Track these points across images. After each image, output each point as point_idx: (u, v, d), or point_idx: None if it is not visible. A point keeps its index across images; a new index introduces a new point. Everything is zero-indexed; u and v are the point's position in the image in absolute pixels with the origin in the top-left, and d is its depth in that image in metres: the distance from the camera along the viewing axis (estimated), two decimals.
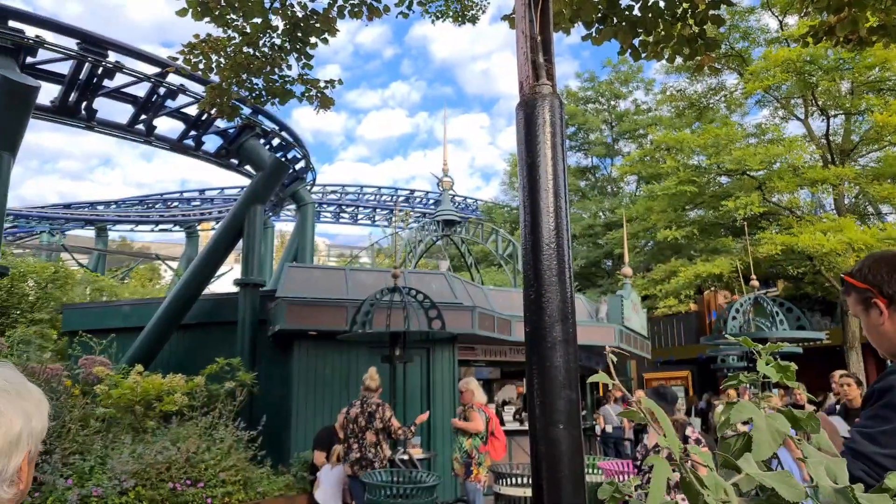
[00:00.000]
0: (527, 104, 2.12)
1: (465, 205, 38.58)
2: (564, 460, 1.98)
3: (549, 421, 2.05)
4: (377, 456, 6.60)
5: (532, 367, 2.13)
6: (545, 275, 2.10)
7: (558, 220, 2.09)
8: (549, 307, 2.10)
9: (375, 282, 9.91)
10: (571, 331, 2.13)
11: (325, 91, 6.22)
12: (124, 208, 31.42)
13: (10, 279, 13.31)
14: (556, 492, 1.96)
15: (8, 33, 8.41)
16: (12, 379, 1.04)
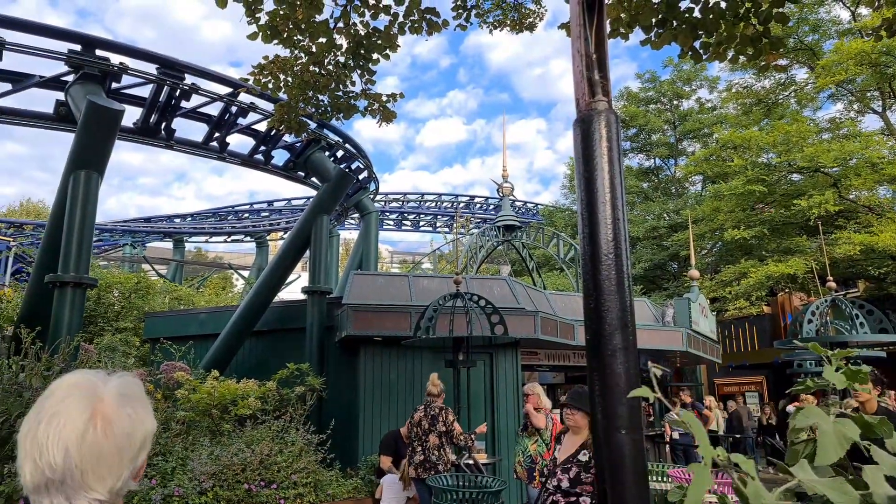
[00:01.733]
0: (583, 120, 2.19)
1: (525, 209, 38.43)
2: (627, 464, 2.03)
3: (612, 426, 2.10)
4: (440, 459, 6.69)
5: (593, 373, 2.19)
6: (604, 284, 2.17)
7: (616, 231, 2.15)
8: (609, 316, 2.16)
9: (438, 287, 10.06)
10: (631, 338, 2.18)
11: (386, 105, 6.42)
12: (199, 221, 32.92)
13: (97, 290, 14.20)
14: (620, 496, 2.01)
15: (95, 62, 9.05)
16: (136, 386, 1.22)
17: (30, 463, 1.08)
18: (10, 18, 8.94)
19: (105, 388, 1.17)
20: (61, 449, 1.08)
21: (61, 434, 1.08)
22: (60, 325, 7.87)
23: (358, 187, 14.77)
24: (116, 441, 1.12)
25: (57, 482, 1.08)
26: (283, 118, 6.63)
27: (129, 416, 1.15)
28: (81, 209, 8.35)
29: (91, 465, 1.09)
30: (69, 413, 1.10)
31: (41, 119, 9.96)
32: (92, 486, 1.09)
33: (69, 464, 1.08)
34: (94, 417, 1.11)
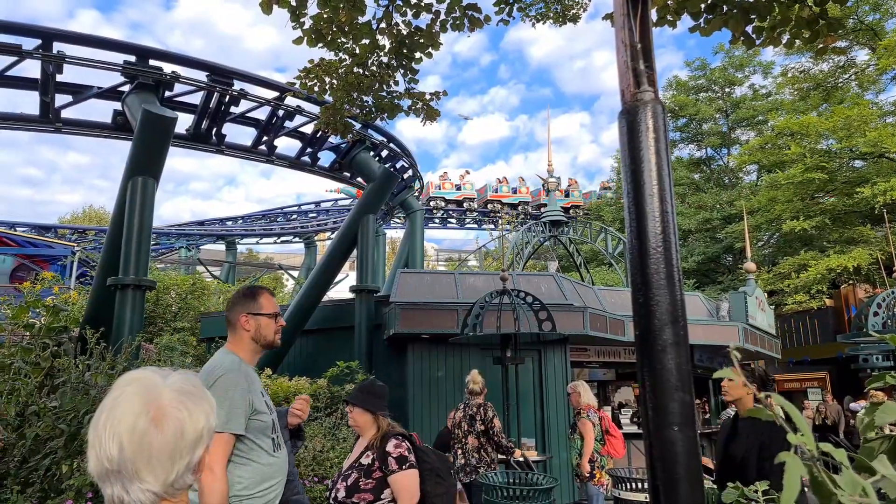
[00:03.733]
0: (629, 112, 2.15)
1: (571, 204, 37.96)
2: (680, 461, 1.99)
3: (663, 423, 2.06)
4: (482, 461, 6.47)
5: (643, 369, 2.15)
6: (653, 278, 2.12)
7: (665, 224, 2.10)
8: (659, 310, 2.11)
9: (484, 285, 10.05)
10: (682, 333, 2.13)
11: (430, 103, 6.43)
12: (249, 223, 33.77)
13: (155, 292, 14.72)
14: (673, 493, 1.97)
15: (149, 71, 9.38)
16: (195, 383, 1.27)
17: (93, 454, 1.15)
18: (71, 33, 9.34)
19: (163, 385, 1.21)
20: (116, 441, 1.13)
21: (116, 427, 1.14)
22: (122, 326, 8.19)
23: (403, 186, 14.87)
24: (167, 435, 1.16)
25: (114, 472, 1.14)
26: (329, 120, 6.73)
27: (183, 411, 1.19)
28: (139, 214, 8.67)
29: (143, 458, 1.14)
30: (124, 407, 1.16)
31: (100, 129, 10.39)
32: (144, 478, 1.14)
33: (123, 456, 1.13)
34: (147, 411, 1.16)
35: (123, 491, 1.15)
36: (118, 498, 1.15)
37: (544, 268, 25.01)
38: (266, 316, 2.78)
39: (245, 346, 2.74)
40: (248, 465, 2.55)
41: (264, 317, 2.77)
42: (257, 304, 2.78)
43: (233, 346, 2.75)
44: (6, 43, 8.78)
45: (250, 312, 2.75)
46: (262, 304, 2.79)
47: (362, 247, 11.47)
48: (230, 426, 2.47)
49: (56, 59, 8.93)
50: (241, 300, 2.79)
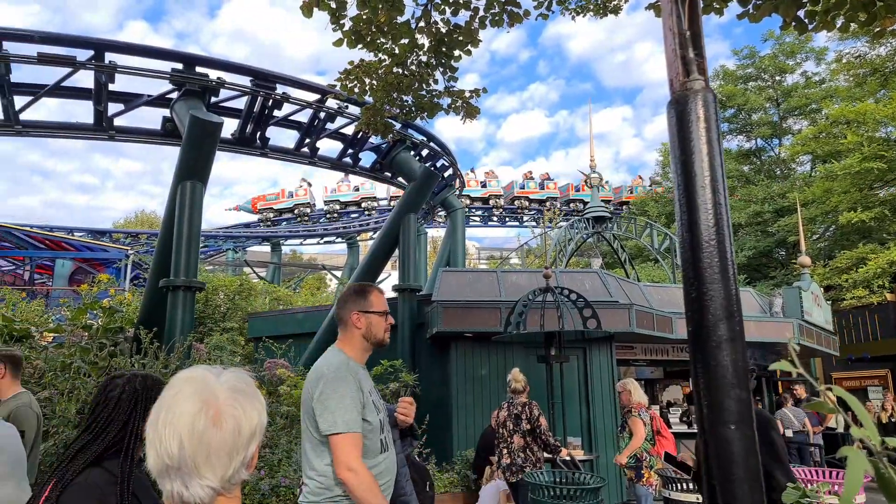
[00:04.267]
0: (678, 101, 2.08)
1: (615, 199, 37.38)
2: (738, 461, 1.92)
3: (719, 421, 1.99)
4: (527, 460, 6.39)
5: (697, 367, 2.08)
6: (706, 273, 2.05)
7: (717, 216, 2.03)
8: (713, 305, 2.04)
9: (527, 283, 9.97)
10: (738, 328, 2.05)
11: (469, 101, 6.41)
12: (293, 224, 34.38)
13: (205, 293, 15.12)
14: (730, 494, 1.90)
15: (196, 78, 9.62)
16: (247, 381, 1.29)
17: (152, 451, 1.18)
18: (121, 43, 9.67)
19: (217, 382, 1.24)
20: (176, 439, 1.16)
21: (175, 425, 1.17)
22: (174, 326, 8.43)
23: (443, 185, 14.88)
24: (225, 432, 1.20)
25: (174, 469, 1.17)
26: (370, 121, 6.78)
27: (238, 409, 1.23)
28: (188, 217, 8.91)
29: (202, 455, 1.18)
30: (182, 406, 1.19)
31: (151, 135, 10.72)
32: (204, 473, 1.18)
33: (183, 453, 1.16)
34: (205, 410, 1.19)
35: (183, 487, 1.18)
36: (177, 494, 1.18)
37: (588, 265, 24.73)
38: (377, 314, 2.78)
39: (356, 344, 2.75)
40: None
41: (375, 314, 2.78)
42: (368, 301, 2.79)
43: (343, 344, 2.76)
44: (61, 55, 9.13)
45: (361, 310, 2.75)
46: (372, 301, 2.80)
47: (404, 246, 11.52)
48: (352, 424, 2.48)
49: (108, 69, 9.24)
50: (352, 298, 2.80)
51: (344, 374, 2.57)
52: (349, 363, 2.66)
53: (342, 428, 2.46)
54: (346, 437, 2.46)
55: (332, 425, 2.48)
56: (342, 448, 2.45)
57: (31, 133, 10.08)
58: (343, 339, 2.77)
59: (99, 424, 2.08)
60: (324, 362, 2.67)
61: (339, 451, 2.45)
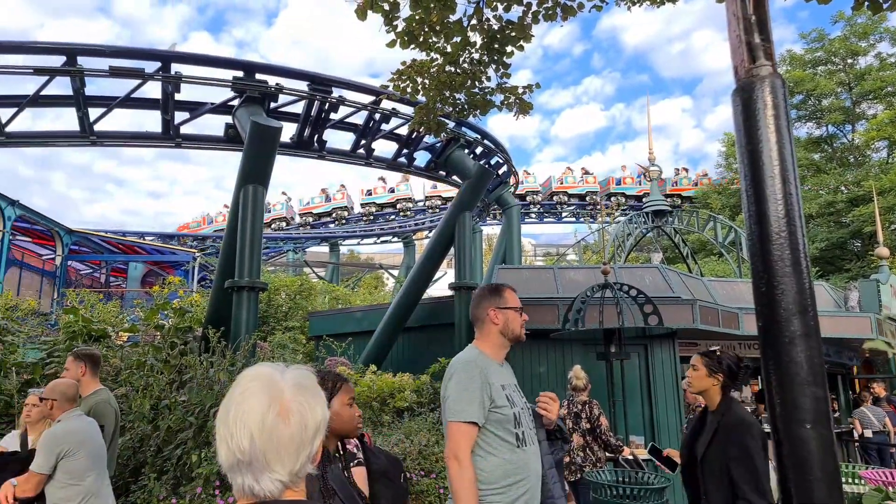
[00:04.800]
0: (743, 89, 2.01)
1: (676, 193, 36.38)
2: (814, 461, 1.84)
3: (793, 420, 1.92)
4: (587, 460, 6.36)
5: (768, 363, 2.01)
6: (776, 266, 1.97)
7: (788, 206, 1.95)
8: (784, 300, 1.96)
9: (585, 279, 9.82)
10: (812, 323, 1.97)
11: (523, 97, 6.36)
12: (351, 225, 34.97)
13: (267, 293, 15.56)
14: (807, 494, 1.82)
15: (256, 85, 9.91)
16: (310, 378, 1.34)
17: (224, 446, 1.23)
18: (186, 54, 10.05)
19: (282, 380, 1.28)
20: (247, 434, 1.20)
21: (246, 421, 1.21)
22: (239, 326, 8.70)
23: (498, 182, 14.82)
24: (293, 427, 1.24)
25: (245, 463, 1.21)
26: (423, 120, 6.81)
27: (303, 404, 1.27)
28: (251, 220, 9.18)
29: (272, 449, 1.22)
30: (252, 402, 1.23)
31: (215, 142, 11.10)
32: (274, 467, 1.22)
33: (254, 447, 1.20)
34: (274, 406, 1.23)
35: (254, 481, 1.22)
36: (248, 487, 1.22)
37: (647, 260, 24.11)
38: (512, 310, 2.86)
39: (493, 341, 2.81)
40: (489, 458, 2.57)
41: (511, 310, 2.85)
42: (503, 298, 2.87)
43: (480, 341, 2.84)
44: (131, 68, 9.56)
45: (498, 307, 2.83)
46: (507, 298, 2.88)
47: (460, 244, 11.53)
48: (467, 415, 2.53)
49: (174, 79, 9.62)
50: (488, 296, 2.88)
51: (470, 367, 2.63)
52: (480, 358, 2.72)
53: (456, 416, 2.53)
54: (459, 426, 2.51)
55: (449, 413, 2.57)
56: (454, 436, 2.52)
57: (105, 143, 10.60)
58: (480, 336, 2.85)
59: None
60: (455, 358, 2.76)
61: (450, 438, 2.52)
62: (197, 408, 6.51)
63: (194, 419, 6.39)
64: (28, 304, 12.89)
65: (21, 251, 22.37)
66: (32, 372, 7.91)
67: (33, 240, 23.45)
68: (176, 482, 6.00)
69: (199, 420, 6.39)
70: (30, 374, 7.82)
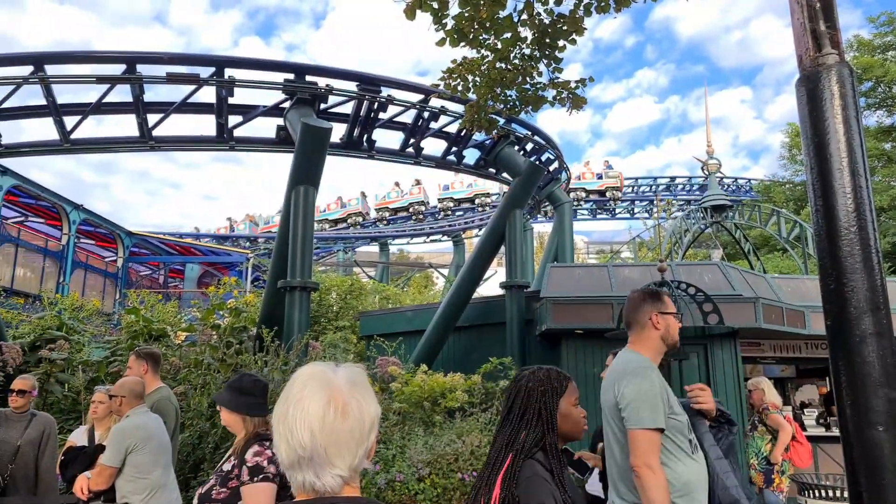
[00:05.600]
0: (808, 79, 1.90)
1: (735, 186, 35.26)
2: (887, 464, 1.73)
3: (864, 422, 1.82)
4: None
5: (838, 364, 1.90)
6: (846, 262, 1.86)
7: (858, 200, 1.84)
8: (854, 297, 1.85)
9: (640, 277, 9.60)
10: (885, 321, 1.86)
11: (575, 91, 6.25)
12: (400, 224, 35.25)
13: (318, 293, 15.81)
14: (879, 499, 1.72)
15: (306, 86, 10.08)
16: (362, 374, 1.37)
17: (284, 443, 1.26)
18: (238, 59, 10.32)
19: (337, 377, 1.33)
20: (307, 430, 1.24)
21: (306, 417, 1.25)
22: (292, 325, 8.86)
23: (549, 179, 14.64)
24: (350, 423, 1.27)
25: (306, 459, 1.25)
26: (473, 117, 6.79)
27: (359, 400, 1.31)
28: (302, 221, 9.34)
29: (332, 445, 1.26)
30: (311, 399, 1.27)
31: (267, 144, 11.35)
32: (334, 462, 1.26)
33: (315, 443, 1.24)
34: (333, 402, 1.27)
35: (315, 477, 1.25)
36: (309, 484, 1.26)
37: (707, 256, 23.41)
38: (672, 315, 2.80)
39: (651, 346, 2.75)
40: (674, 465, 2.50)
41: (671, 316, 2.79)
42: (664, 303, 2.80)
43: (636, 345, 2.78)
44: (187, 73, 9.88)
45: (660, 312, 2.76)
46: (667, 303, 2.82)
47: (510, 242, 11.45)
48: (653, 421, 2.46)
49: (227, 83, 9.88)
50: (648, 300, 2.81)
51: (648, 372, 2.56)
52: (650, 362, 2.65)
53: (643, 424, 2.44)
54: (647, 433, 2.43)
55: (633, 420, 2.47)
56: (641, 444, 2.43)
57: (163, 147, 10.98)
58: (637, 340, 2.77)
59: (518, 415, 2.23)
60: (622, 361, 2.69)
61: (638, 447, 2.43)
62: None
63: None
64: (92, 304, 13.49)
65: (85, 253, 23.46)
66: (97, 370, 8.27)
67: (96, 242, 24.59)
68: None
69: None
70: (95, 372, 8.18)
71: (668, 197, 30.91)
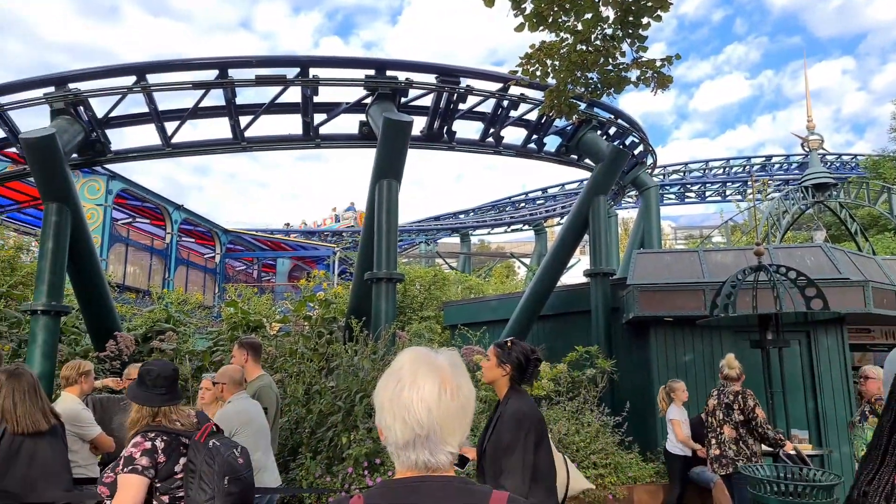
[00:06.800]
0: None
1: (839, 163, 32.95)
2: None
3: None
4: (740, 453, 6.07)
5: None
6: None
7: None
8: None
9: (734, 261, 9.15)
10: None
11: (661, 70, 6.00)
12: (480, 214, 35.26)
13: (403, 284, 16.08)
14: None
15: (387, 81, 10.22)
16: (458, 357, 1.44)
17: (399, 422, 1.31)
18: (322, 58, 10.59)
19: (441, 360, 1.39)
20: (425, 409, 1.30)
21: (423, 397, 1.31)
22: (379, 316, 9.05)
23: (634, 163, 14.17)
24: (460, 402, 1.34)
25: (423, 438, 1.30)
26: (554, 103, 6.66)
27: (463, 381, 1.38)
28: (386, 214, 9.50)
29: (447, 423, 1.31)
30: (425, 380, 1.33)
31: (350, 140, 11.60)
32: (447, 440, 1.32)
33: (432, 421, 1.30)
34: (444, 383, 1.33)
35: (430, 454, 1.31)
36: (423, 462, 1.32)
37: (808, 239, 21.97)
38: None
39: None
40: None
41: None
42: None
43: None
44: (274, 75, 10.25)
45: None
46: None
47: (594, 229, 11.19)
48: None
49: (312, 83, 10.17)
50: None
51: None
52: None
53: None
54: None
55: None
56: None
57: (255, 148, 11.45)
58: None
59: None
60: None
61: None
62: (344, 393, 6.88)
63: (342, 404, 6.76)
64: (195, 298, 14.33)
65: (187, 251, 24.95)
66: (202, 359, 8.79)
67: (196, 240, 26.07)
68: (329, 462, 6.39)
69: (346, 405, 6.75)
70: (200, 361, 8.69)
71: (763, 177, 29.20)
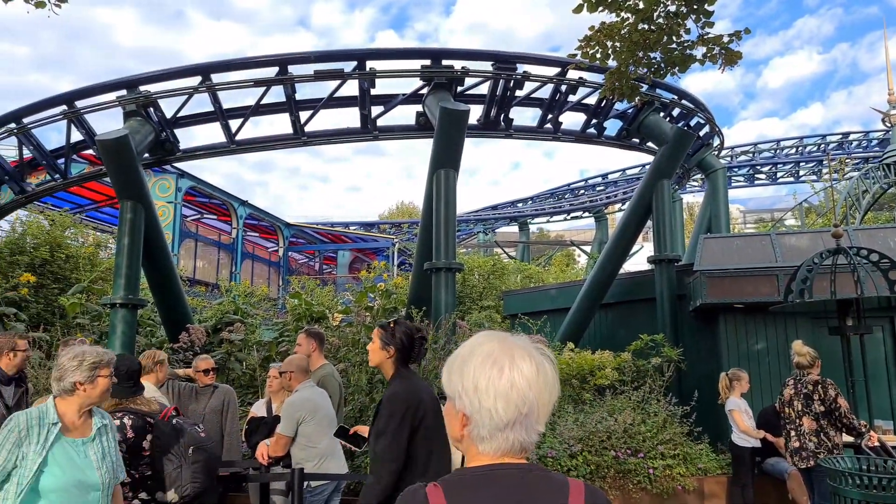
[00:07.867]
0: None
1: None
2: None
3: None
4: (821, 446, 5.78)
5: None
6: None
7: None
8: None
9: (809, 245, 8.72)
10: None
11: (729, 46, 5.75)
12: (539, 203, 34.91)
13: (462, 274, 16.12)
14: None
15: (443, 71, 10.20)
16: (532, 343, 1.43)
17: (503, 402, 1.31)
18: (378, 50, 10.68)
19: (523, 342, 1.41)
20: (527, 386, 1.32)
21: (525, 374, 1.33)
22: (439, 305, 9.09)
23: (699, 145, 13.65)
24: (548, 385, 1.37)
25: (524, 416, 1.32)
26: (614, 86, 6.49)
27: (549, 365, 1.39)
28: (444, 204, 9.50)
29: (542, 404, 1.34)
30: (523, 361, 1.35)
31: (407, 131, 11.65)
32: (541, 420, 1.35)
33: (532, 399, 1.32)
34: (537, 365, 1.36)
35: (526, 434, 1.33)
36: (519, 442, 1.33)
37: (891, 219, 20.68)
38: None
39: None
40: None
41: None
42: None
43: None
44: (332, 70, 10.39)
45: None
46: None
47: (658, 214, 10.87)
48: None
49: (369, 75, 10.26)
50: None
51: None
52: None
53: None
54: None
55: None
56: None
57: (315, 142, 11.66)
58: None
59: None
60: None
61: None
62: None
63: None
64: (261, 290, 14.79)
65: (252, 245, 25.76)
66: (269, 349, 9.06)
67: (260, 234, 26.89)
68: None
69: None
70: (267, 351, 8.97)
71: (840, 155, 27.67)
